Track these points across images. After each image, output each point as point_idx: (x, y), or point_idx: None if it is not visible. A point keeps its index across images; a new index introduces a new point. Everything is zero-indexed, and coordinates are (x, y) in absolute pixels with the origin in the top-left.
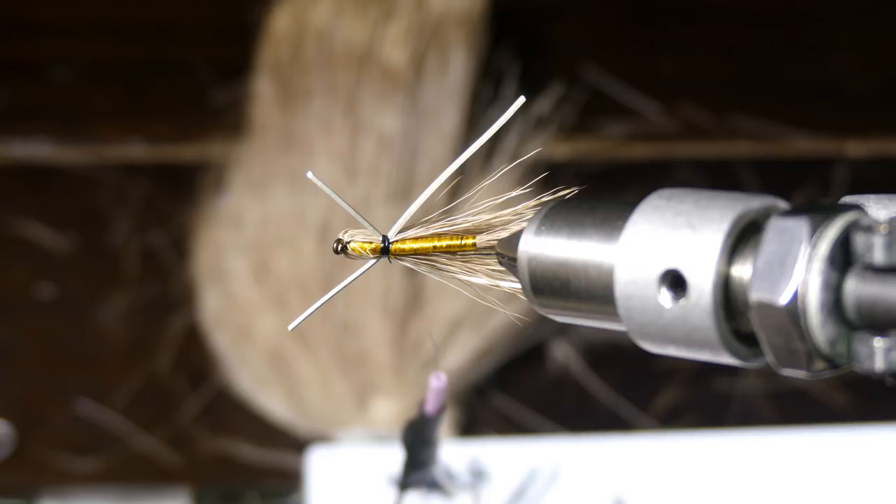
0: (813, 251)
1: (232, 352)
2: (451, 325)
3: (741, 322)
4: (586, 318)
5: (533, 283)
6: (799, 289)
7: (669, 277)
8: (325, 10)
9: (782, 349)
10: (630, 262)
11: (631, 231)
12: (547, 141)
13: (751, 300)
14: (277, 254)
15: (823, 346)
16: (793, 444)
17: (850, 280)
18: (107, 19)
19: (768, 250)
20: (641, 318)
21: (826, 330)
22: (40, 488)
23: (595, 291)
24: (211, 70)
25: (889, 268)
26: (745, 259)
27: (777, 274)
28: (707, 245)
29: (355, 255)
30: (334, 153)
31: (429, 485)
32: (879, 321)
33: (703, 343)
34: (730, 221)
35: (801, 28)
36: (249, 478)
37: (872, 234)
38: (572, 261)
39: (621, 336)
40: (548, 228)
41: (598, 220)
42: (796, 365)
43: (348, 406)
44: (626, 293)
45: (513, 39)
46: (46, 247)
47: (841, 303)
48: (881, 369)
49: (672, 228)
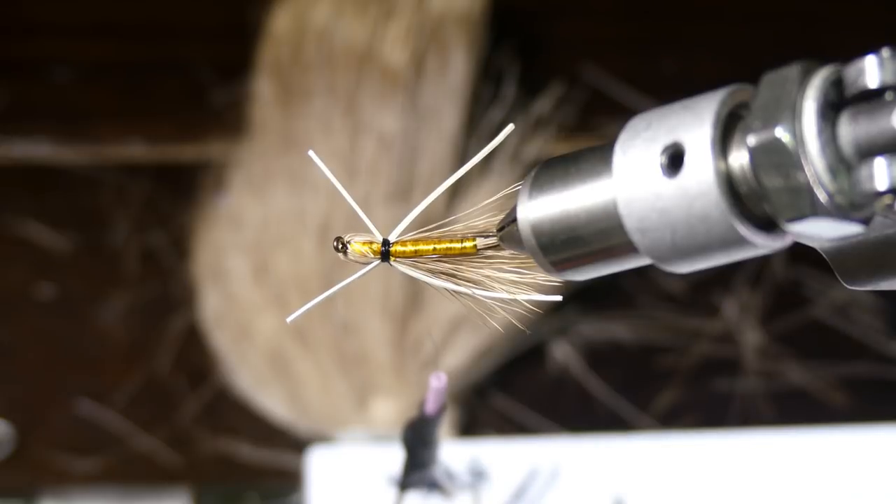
0: (806, 87)
1: (232, 352)
2: (451, 325)
3: (742, 204)
4: (601, 261)
5: (541, 245)
6: (794, 120)
7: (668, 154)
8: (325, 10)
9: (784, 192)
10: (627, 153)
11: (620, 142)
12: (547, 141)
13: (749, 146)
14: (277, 254)
15: (824, 176)
16: (792, 444)
17: (845, 116)
18: (107, 19)
19: (762, 96)
20: (642, 207)
21: (826, 157)
22: (40, 488)
23: (600, 221)
24: (211, 70)
25: (882, 88)
26: (737, 136)
27: (772, 111)
28: (701, 113)
29: (355, 256)
30: (334, 153)
31: (429, 485)
32: (877, 146)
33: (706, 218)
34: (721, 96)
35: (802, 28)
36: (249, 478)
37: (864, 61)
38: (572, 206)
39: (621, 336)
40: (539, 190)
41: (585, 161)
42: (800, 209)
43: (348, 406)
44: (629, 196)
45: (513, 39)
46: (46, 247)
47: (837, 141)
48: (884, 187)
49: (664, 115)
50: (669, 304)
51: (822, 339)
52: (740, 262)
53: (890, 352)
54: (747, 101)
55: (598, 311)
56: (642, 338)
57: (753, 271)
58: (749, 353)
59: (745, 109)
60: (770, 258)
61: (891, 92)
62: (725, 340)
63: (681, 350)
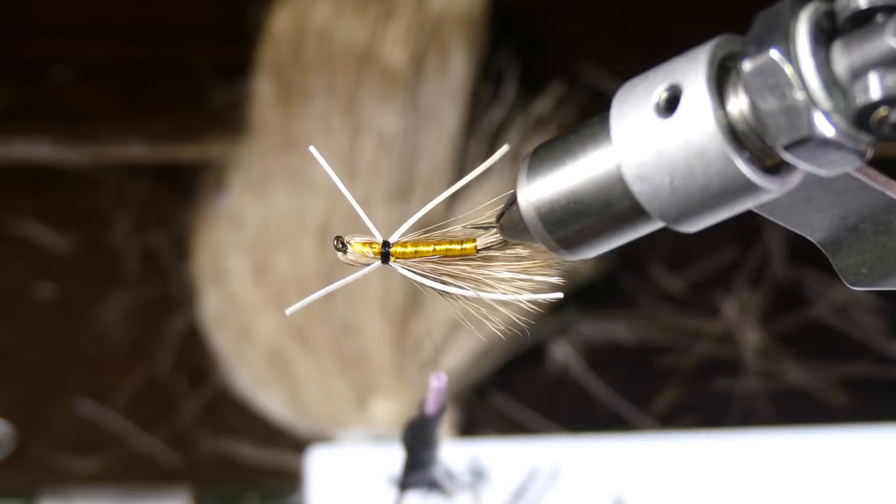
0: (798, 13)
1: (232, 352)
2: (451, 325)
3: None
4: (607, 229)
5: (545, 224)
6: (788, 42)
7: (665, 95)
8: (325, 10)
9: (781, 113)
10: (625, 106)
11: (616, 98)
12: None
13: (745, 71)
14: (277, 254)
15: (819, 93)
16: (792, 444)
17: (838, 44)
18: (107, 19)
19: (756, 29)
20: (641, 152)
21: (820, 74)
22: (40, 488)
23: (601, 183)
24: (211, 70)
25: (873, 8)
26: (731, 79)
27: (766, 38)
28: (696, 55)
29: (355, 256)
30: (334, 153)
31: (429, 485)
32: (871, 63)
33: (704, 153)
34: (714, 41)
35: None
36: (249, 478)
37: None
38: (572, 177)
39: (621, 336)
40: (536, 171)
41: (581, 131)
42: (798, 129)
43: (348, 406)
44: (628, 145)
45: (513, 39)
46: (46, 247)
47: (831, 65)
48: (878, 97)
49: (657, 70)
50: (669, 304)
51: (822, 339)
52: (740, 261)
53: (890, 352)
54: (739, 51)
55: (598, 311)
56: (642, 338)
57: (753, 271)
58: (749, 353)
59: (738, 58)
60: (770, 258)
61: (881, 14)
62: (725, 340)
63: (681, 350)
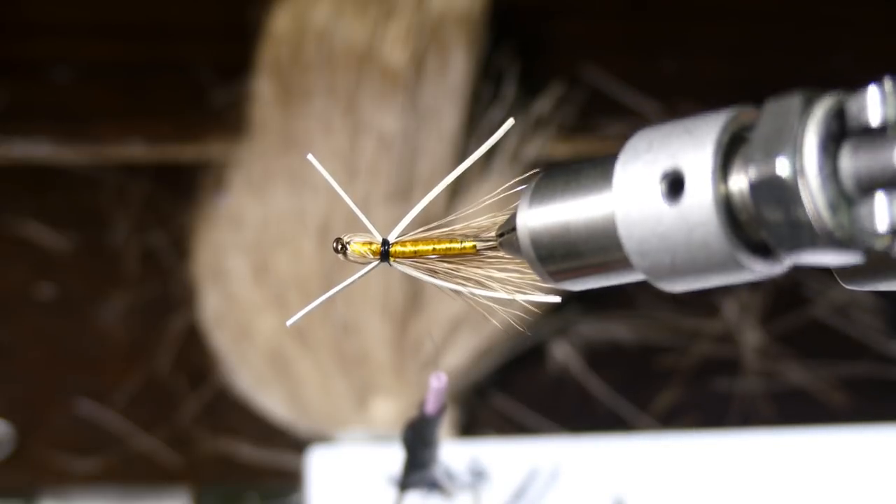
0: (808, 118)
1: (232, 352)
2: (451, 325)
3: (742, 230)
4: (597, 274)
5: (538, 254)
6: (796, 155)
7: (668, 180)
8: (325, 10)
9: (784, 226)
10: (628, 173)
11: (621, 161)
12: (547, 141)
13: (750, 179)
14: (277, 254)
15: (824, 212)
16: (792, 444)
17: (846, 148)
18: (107, 19)
19: (764, 125)
20: (642, 231)
21: (826, 193)
22: (40, 488)
23: (599, 237)
24: (211, 70)
25: (884, 126)
26: (738, 162)
27: (773, 144)
28: (702, 139)
29: (355, 257)
30: (334, 153)
31: (429, 485)
32: (878, 181)
33: (706, 245)
34: (723, 121)
35: (802, 27)
36: (249, 478)
37: (866, 95)
38: (572, 219)
39: (621, 336)
40: (539, 199)
41: (587, 175)
42: (799, 242)
43: (348, 406)
44: (629, 219)
45: (513, 39)
46: (46, 247)
47: (838, 174)
48: (884, 228)
49: (666, 136)
50: (669, 304)
51: (822, 339)
52: None
53: (890, 352)
54: (749, 123)
55: (598, 311)
56: (642, 338)
57: None
58: (749, 353)
59: (747, 132)
60: None
61: (893, 128)
62: (725, 340)
63: (681, 350)
